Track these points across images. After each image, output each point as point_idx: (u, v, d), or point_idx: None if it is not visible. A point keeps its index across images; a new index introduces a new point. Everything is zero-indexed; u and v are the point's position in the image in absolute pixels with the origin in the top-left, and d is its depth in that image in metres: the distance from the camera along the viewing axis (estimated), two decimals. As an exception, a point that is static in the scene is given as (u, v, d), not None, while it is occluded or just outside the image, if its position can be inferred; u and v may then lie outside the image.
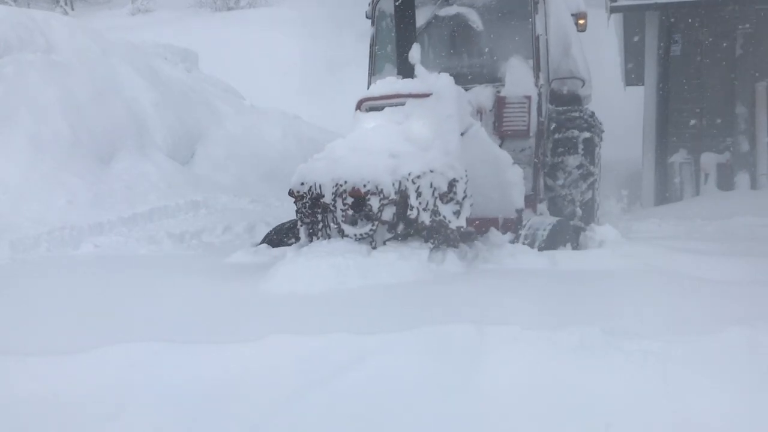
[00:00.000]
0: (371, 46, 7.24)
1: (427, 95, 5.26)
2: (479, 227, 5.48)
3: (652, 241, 6.14)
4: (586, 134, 7.29)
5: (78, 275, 5.20)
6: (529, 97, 6.44)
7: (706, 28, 10.71)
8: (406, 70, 5.62)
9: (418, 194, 4.71)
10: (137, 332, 3.25)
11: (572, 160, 7.22)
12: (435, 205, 4.77)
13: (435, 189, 4.76)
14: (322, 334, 2.99)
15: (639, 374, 2.54)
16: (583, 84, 7.77)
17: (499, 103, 6.47)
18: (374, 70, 7.15)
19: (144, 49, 11.59)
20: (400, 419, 2.43)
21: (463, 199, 4.92)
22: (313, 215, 4.88)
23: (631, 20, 12.14)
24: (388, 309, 3.58)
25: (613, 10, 10.71)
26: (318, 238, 4.87)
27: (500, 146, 6.22)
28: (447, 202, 4.85)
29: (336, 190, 4.72)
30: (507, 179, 5.51)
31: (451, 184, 4.83)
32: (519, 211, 5.59)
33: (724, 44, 10.66)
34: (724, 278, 4.31)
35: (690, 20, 10.76)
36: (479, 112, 6.10)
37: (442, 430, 2.39)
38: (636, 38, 12.16)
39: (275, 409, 2.51)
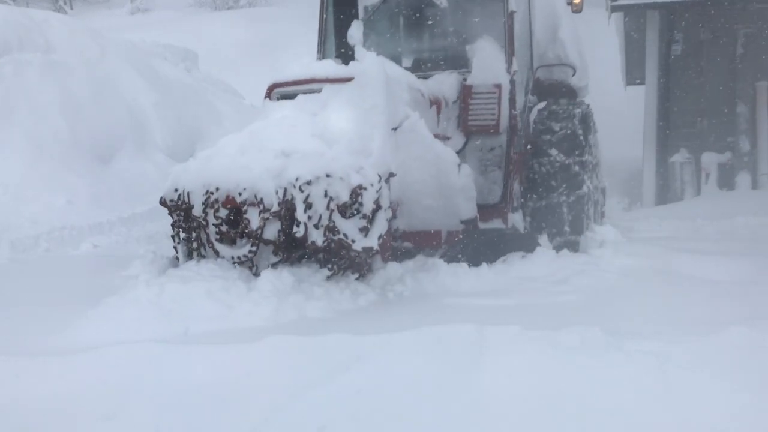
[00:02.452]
0: (320, 25, 5.98)
1: (347, 80, 4.31)
2: (417, 243, 4.60)
3: (653, 241, 6.14)
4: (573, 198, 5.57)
5: None
6: (499, 86, 5.39)
7: (707, 27, 10.70)
8: (345, 53, 4.71)
9: (308, 205, 3.75)
10: None
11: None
12: (331, 219, 3.76)
13: (331, 199, 3.76)
14: (321, 334, 2.99)
15: (639, 374, 2.54)
16: (574, 72, 6.60)
17: (465, 93, 5.44)
18: (324, 53, 5.92)
19: (143, 49, 11.58)
20: (400, 419, 2.43)
21: (375, 212, 3.85)
22: (189, 230, 4.00)
23: (632, 19, 12.13)
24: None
25: (613, 9, 10.70)
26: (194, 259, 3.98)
27: (465, 144, 5.38)
28: (350, 216, 3.80)
29: (207, 200, 3.85)
30: (451, 184, 4.52)
31: (355, 192, 3.76)
32: (469, 223, 4.64)
33: (725, 43, 10.65)
34: (724, 278, 4.32)
35: (691, 19, 10.75)
36: (435, 104, 5.14)
37: (442, 430, 2.38)
38: (636, 37, 12.15)
39: (275, 409, 2.51)
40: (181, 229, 4.05)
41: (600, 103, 7.63)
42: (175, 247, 4.13)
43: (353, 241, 3.80)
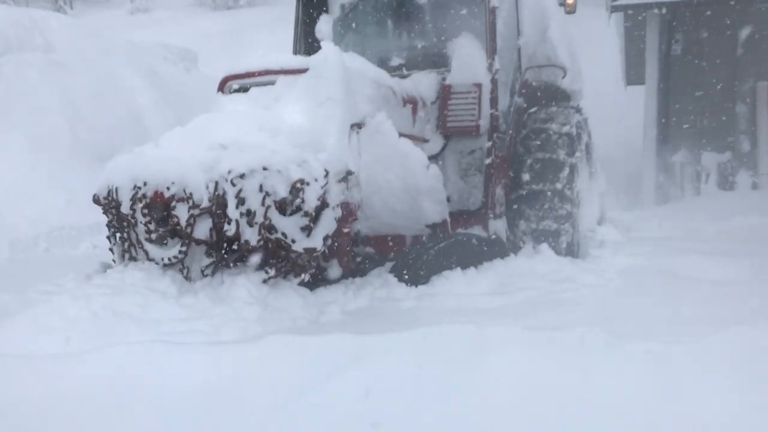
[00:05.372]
0: (295, 24, 5.74)
1: (302, 71, 4.12)
2: (380, 249, 4.43)
3: (653, 241, 6.14)
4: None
5: None
6: (479, 86, 5.19)
7: (707, 27, 10.71)
8: (315, 48, 4.57)
9: (240, 201, 3.48)
10: None
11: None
12: (267, 216, 3.49)
13: (268, 194, 3.49)
14: (321, 334, 2.99)
15: (639, 375, 2.54)
16: (565, 74, 6.34)
17: (444, 93, 5.24)
18: (300, 51, 5.73)
19: (143, 49, 11.58)
20: (401, 419, 2.43)
21: (319, 209, 3.59)
22: (121, 229, 3.75)
23: (632, 19, 12.13)
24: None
25: (614, 9, 10.71)
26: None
27: (445, 146, 5.19)
28: (291, 213, 3.55)
29: (134, 195, 3.62)
30: (417, 185, 4.31)
31: (296, 187, 3.51)
32: (436, 227, 4.44)
33: (725, 43, 10.66)
34: (724, 278, 4.32)
35: (691, 19, 10.76)
36: (410, 103, 4.96)
37: (442, 430, 2.38)
38: (636, 37, 12.16)
39: (275, 410, 2.50)
40: (115, 229, 3.83)
41: (600, 103, 7.59)
42: (110, 249, 3.92)
43: (293, 241, 3.53)
